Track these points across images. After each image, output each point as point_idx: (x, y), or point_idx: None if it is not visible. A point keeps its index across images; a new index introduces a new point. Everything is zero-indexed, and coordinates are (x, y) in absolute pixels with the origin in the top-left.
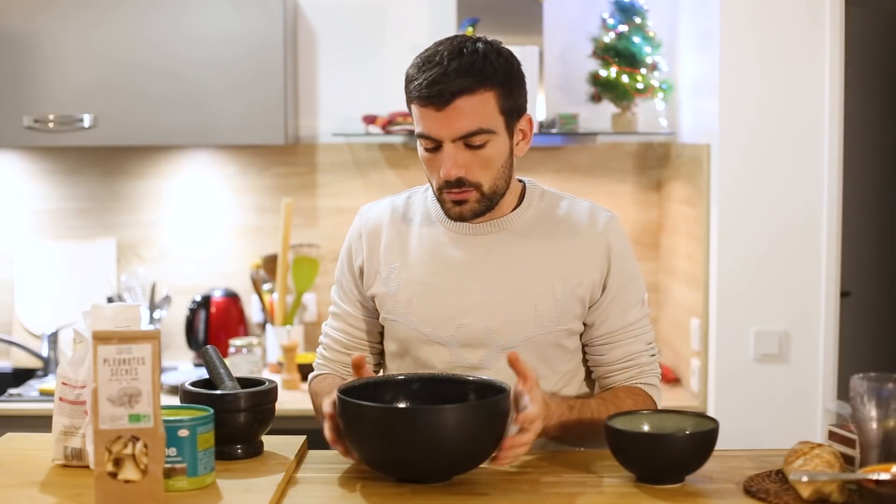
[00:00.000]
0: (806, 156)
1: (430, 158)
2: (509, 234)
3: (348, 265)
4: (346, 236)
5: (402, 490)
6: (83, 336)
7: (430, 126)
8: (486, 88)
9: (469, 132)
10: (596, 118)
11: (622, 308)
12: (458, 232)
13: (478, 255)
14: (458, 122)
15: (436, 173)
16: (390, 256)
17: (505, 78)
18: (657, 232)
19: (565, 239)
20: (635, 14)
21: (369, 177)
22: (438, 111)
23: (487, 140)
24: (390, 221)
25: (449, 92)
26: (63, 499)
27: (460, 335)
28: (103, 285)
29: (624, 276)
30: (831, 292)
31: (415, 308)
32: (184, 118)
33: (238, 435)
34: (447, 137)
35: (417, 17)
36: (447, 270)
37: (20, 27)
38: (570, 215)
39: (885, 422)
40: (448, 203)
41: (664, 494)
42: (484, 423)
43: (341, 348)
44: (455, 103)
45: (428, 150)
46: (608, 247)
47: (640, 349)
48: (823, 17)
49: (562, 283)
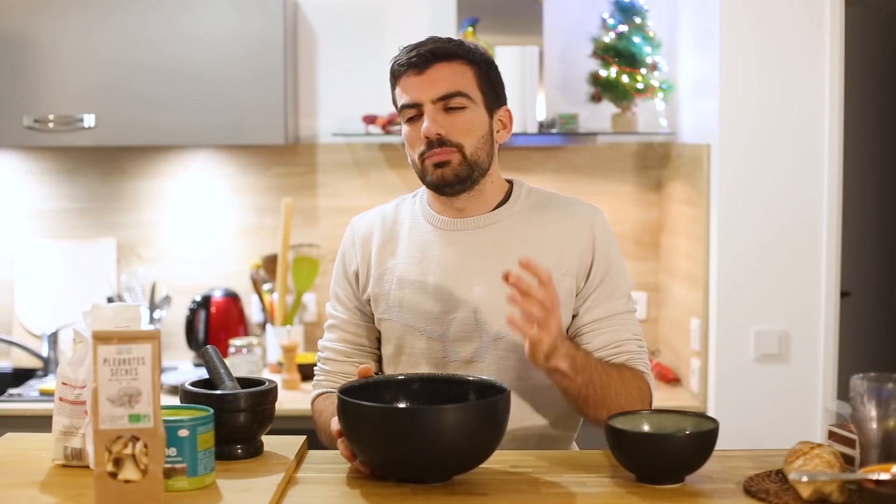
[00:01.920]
0: (806, 156)
1: (411, 129)
2: (496, 229)
3: (343, 273)
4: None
5: (402, 490)
6: (83, 336)
7: (411, 91)
8: (464, 62)
9: (448, 93)
10: (596, 118)
11: (607, 297)
12: (446, 229)
13: (466, 250)
14: (437, 84)
15: (416, 142)
16: (382, 259)
17: (483, 62)
18: (657, 232)
19: (551, 232)
20: (635, 14)
21: (369, 177)
22: (418, 75)
23: (466, 105)
24: (381, 227)
25: (429, 53)
26: (63, 499)
27: (452, 329)
28: (103, 285)
29: (609, 266)
30: (831, 292)
31: (407, 305)
32: (184, 118)
33: (238, 435)
34: (427, 99)
35: (417, 17)
36: (437, 267)
37: (20, 27)
38: (556, 210)
39: (885, 422)
40: (429, 169)
41: (664, 494)
42: (484, 423)
43: (342, 357)
44: (434, 66)
45: (410, 119)
46: (592, 237)
47: (627, 337)
48: (823, 18)
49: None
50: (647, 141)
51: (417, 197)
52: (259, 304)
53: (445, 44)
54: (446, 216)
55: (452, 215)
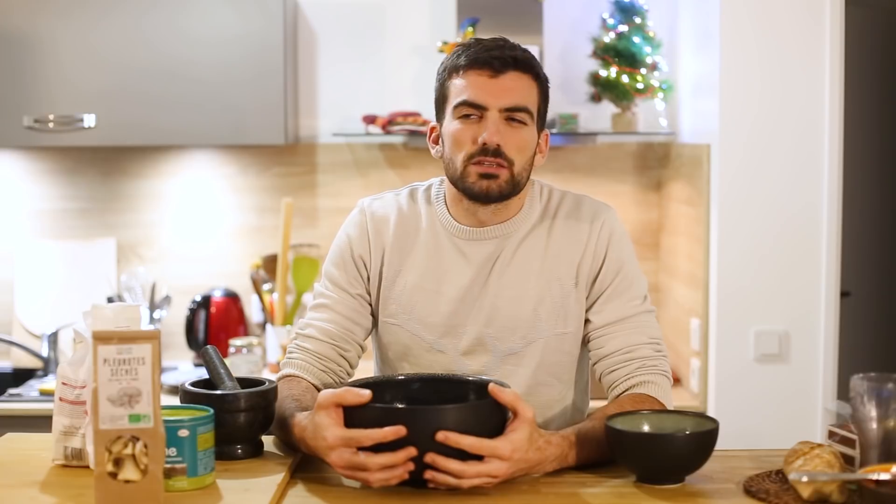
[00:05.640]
0: (806, 155)
1: (464, 128)
2: (510, 239)
3: (350, 256)
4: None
5: (402, 490)
6: (83, 336)
7: (478, 93)
8: (533, 78)
9: (516, 105)
10: (596, 118)
11: (620, 300)
12: (462, 238)
13: (480, 262)
14: (509, 94)
15: (467, 143)
16: (396, 258)
17: (545, 84)
18: (657, 232)
19: (561, 238)
20: (635, 14)
21: (369, 177)
22: (492, 77)
23: (526, 123)
24: (397, 220)
25: (511, 59)
26: (63, 499)
27: (462, 344)
28: (103, 285)
29: (621, 267)
30: (831, 292)
31: (417, 314)
32: (184, 118)
33: (238, 435)
34: (495, 105)
35: (417, 17)
36: (451, 278)
37: (20, 27)
38: (568, 211)
39: (885, 422)
40: (473, 176)
41: (664, 494)
42: (484, 423)
43: (327, 339)
44: (509, 74)
45: (465, 116)
46: (604, 238)
47: (641, 341)
48: (823, 17)
49: (559, 284)
50: (647, 141)
51: (433, 196)
52: (259, 304)
53: (522, 53)
54: (465, 224)
55: (471, 224)
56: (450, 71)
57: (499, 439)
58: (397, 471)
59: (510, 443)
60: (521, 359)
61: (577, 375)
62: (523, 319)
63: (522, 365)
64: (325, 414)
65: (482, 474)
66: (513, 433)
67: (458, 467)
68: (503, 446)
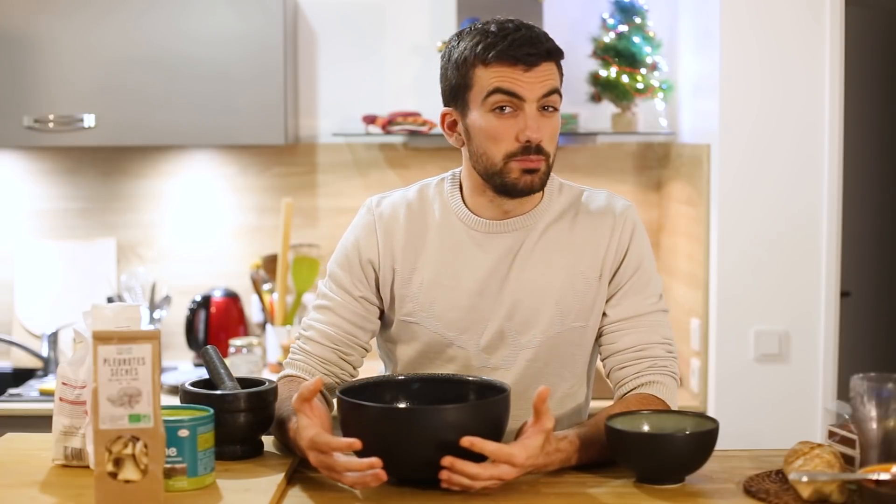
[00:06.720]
0: (806, 156)
1: (500, 123)
2: (531, 231)
3: (357, 258)
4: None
5: (402, 490)
6: (83, 336)
7: (515, 84)
8: (557, 62)
9: (550, 90)
10: (596, 118)
11: (637, 296)
12: (480, 231)
13: (500, 254)
14: (543, 83)
15: (506, 140)
16: (410, 256)
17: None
18: (657, 232)
19: (585, 231)
20: (635, 14)
21: (369, 177)
22: (527, 70)
23: (557, 106)
24: (406, 219)
25: (545, 52)
26: (63, 499)
27: (483, 339)
28: (103, 285)
29: (641, 263)
30: (831, 292)
31: (437, 311)
32: (184, 118)
33: (238, 435)
34: (532, 97)
35: (417, 16)
36: (469, 272)
37: (20, 27)
38: (589, 206)
39: (885, 422)
40: (516, 172)
41: (664, 494)
42: (484, 423)
43: (328, 342)
44: (542, 65)
45: (499, 108)
46: (625, 233)
47: (654, 340)
48: (823, 17)
49: (583, 278)
50: (647, 141)
51: (446, 189)
52: (259, 304)
53: (550, 43)
54: (483, 216)
55: (492, 216)
56: (475, 60)
57: (515, 445)
58: (366, 476)
59: (525, 449)
60: (539, 352)
61: (587, 371)
62: (545, 313)
63: (539, 359)
64: (303, 415)
65: (494, 477)
66: (528, 440)
67: (475, 471)
68: (519, 453)
